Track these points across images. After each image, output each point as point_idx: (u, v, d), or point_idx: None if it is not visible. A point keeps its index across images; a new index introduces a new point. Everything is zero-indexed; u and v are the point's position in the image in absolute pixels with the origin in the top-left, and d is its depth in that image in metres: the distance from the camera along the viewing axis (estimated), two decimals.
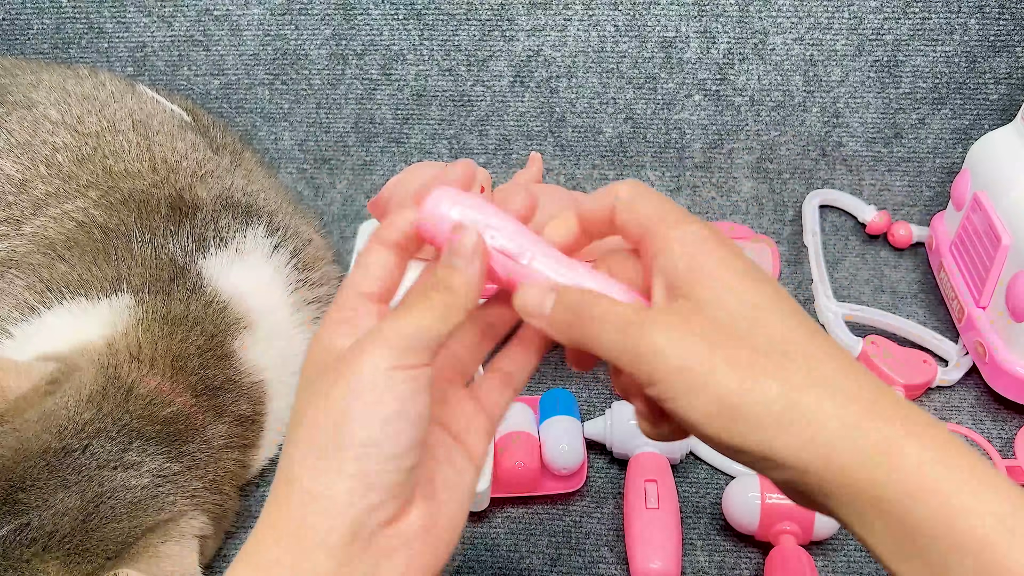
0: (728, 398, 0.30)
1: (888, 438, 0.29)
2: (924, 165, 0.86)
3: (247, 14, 0.85)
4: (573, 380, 0.70)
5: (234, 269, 0.61)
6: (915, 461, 0.29)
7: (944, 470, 0.29)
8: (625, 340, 0.32)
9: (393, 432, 0.32)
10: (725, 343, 0.31)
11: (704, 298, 0.32)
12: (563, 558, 0.58)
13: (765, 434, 0.30)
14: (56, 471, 0.47)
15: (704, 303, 0.32)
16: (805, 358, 0.31)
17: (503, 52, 0.85)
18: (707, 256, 0.33)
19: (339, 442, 0.32)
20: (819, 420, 0.30)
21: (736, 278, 0.32)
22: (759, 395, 0.30)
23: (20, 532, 0.45)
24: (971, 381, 0.69)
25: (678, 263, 0.33)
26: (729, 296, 0.32)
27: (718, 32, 0.83)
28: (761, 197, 0.86)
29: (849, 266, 0.80)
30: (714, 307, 0.32)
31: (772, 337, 0.31)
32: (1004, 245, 0.64)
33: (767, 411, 0.30)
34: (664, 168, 0.88)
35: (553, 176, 0.88)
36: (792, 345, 0.31)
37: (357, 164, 0.89)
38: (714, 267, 0.33)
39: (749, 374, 0.30)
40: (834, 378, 0.31)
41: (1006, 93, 0.83)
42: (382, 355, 0.32)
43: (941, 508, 0.28)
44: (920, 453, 0.29)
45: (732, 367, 0.31)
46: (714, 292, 0.32)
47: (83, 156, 0.65)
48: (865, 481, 0.29)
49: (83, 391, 0.50)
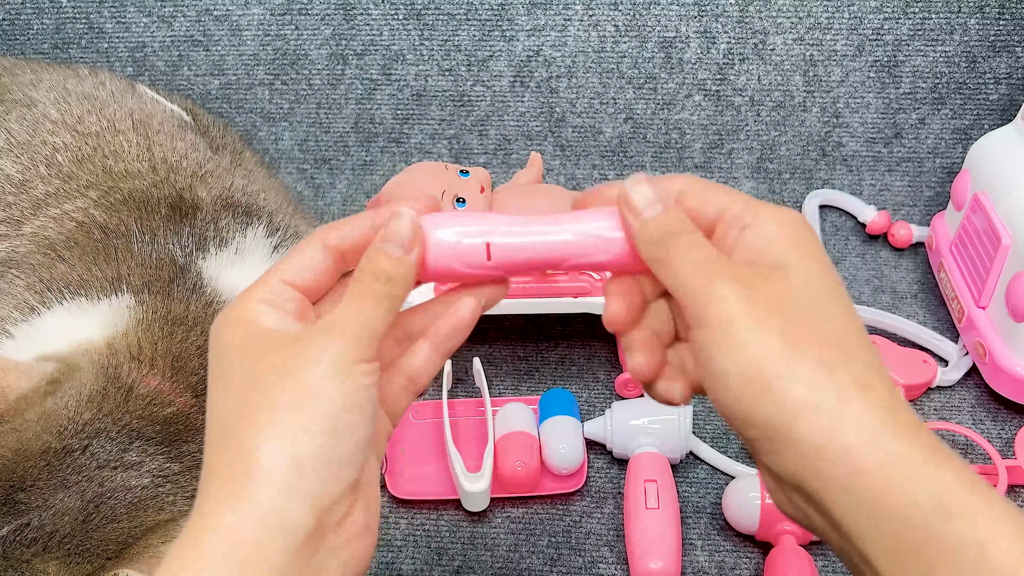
0: (766, 364, 0.31)
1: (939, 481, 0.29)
2: (924, 165, 0.86)
3: (247, 14, 0.85)
4: (573, 380, 0.70)
5: (234, 269, 0.61)
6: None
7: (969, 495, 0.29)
8: (700, 273, 0.33)
9: (356, 423, 0.32)
10: (786, 318, 0.32)
11: (785, 274, 0.33)
12: (563, 558, 0.58)
13: (785, 414, 0.30)
14: (56, 471, 0.47)
15: (783, 278, 0.32)
16: (855, 355, 0.31)
17: (503, 52, 0.85)
18: (801, 234, 0.34)
19: (305, 425, 0.31)
20: (851, 426, 0.30)
21: (819, 265, 0.33)
22: (798, 374, 0.30)
23: (20, 532, 0.45)
24: (971, 381, 0.69)
25: (772, 237, 0.33)
26: (808, 278, 0.33)
27: (718, 32, 0.83)
28: (761, 197, 0.86)
29: (849, 266, 0.81)
30: (791, 284, 0.32)
31: (832, 328, 0.32)
32: (1004, 245, 0.64)
33: (800, 393, 0.30)
34: (664, 168, 0.88)
35: (553, 176, 0.88)
36: (849, 339, 0.32)
37: (357, 164, 0.89)
38: (807, 247, 0.33)
39: (797, 353, 0.31)
40: (874, 383, 0.31)
41: (1006, 93, 0.83)
42: (343, 348, 0.32)
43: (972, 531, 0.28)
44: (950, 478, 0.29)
45: (785, 342, 0.31)
46: (798, 271, 0.33)
47: (83, 156, 0.65)
48: (903, 511, 0.29)
49: (83, 391, 0.50)
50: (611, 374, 0.70)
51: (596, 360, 0.71)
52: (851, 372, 0.31)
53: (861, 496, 0.30)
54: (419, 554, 0.58)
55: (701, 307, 0.32)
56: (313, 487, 0.31)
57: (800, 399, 0.30)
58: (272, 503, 0.31)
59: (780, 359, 0.31)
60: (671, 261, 0.34)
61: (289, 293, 0.35)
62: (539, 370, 0.71)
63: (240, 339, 0.33)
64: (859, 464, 0.29)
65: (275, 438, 0.31)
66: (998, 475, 0.60)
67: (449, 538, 0.59)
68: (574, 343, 0.73)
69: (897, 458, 0.29)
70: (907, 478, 0.29)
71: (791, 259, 0.33)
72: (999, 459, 0.61)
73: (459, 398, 0.68)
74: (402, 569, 0.57)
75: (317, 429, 0.31)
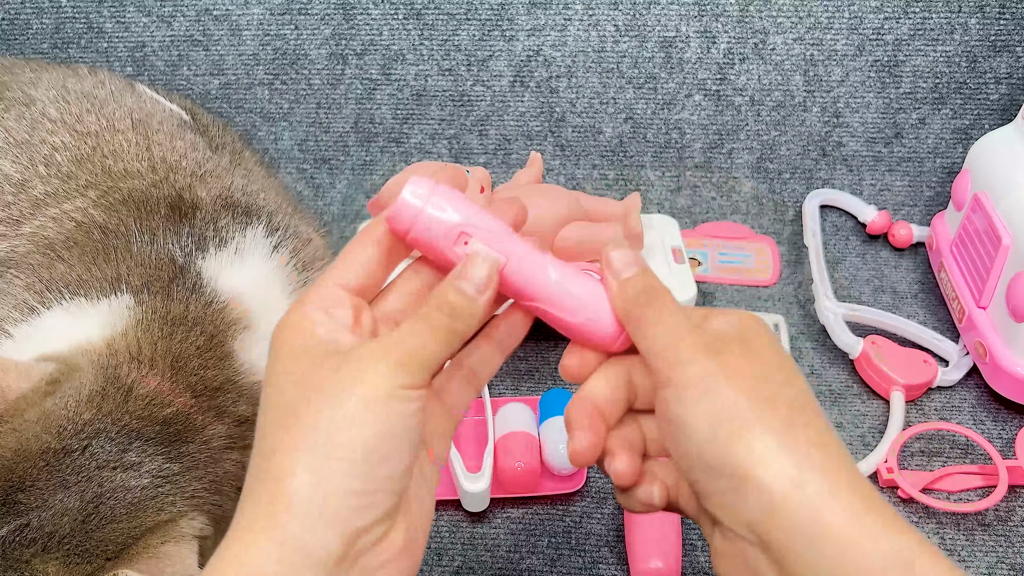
0: (737, 411, 0.32)
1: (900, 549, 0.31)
2: (924, 165, 0.86)
3: (247, 14, 0.85)
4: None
5: (234, 269, 0.61)
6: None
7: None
8: (672, 335, 0.34)
9: (395, 451, 0.32)
10: (755, 378, 0.33)
11: (749, 346, 0.35)
12: (563, 558, 0.58)
13: (754, 458, 0.32)
14: (56, 471, 0.47)
15: (748, 349, 0.35)
16: (815, 419, 0.34)
17: (503, 52, 0.85)
18: (760, 323, 0.36)
19: (340, 453, 0.31)
20: (816, 478, 0.31)
21: (776, 344, 0.36)
22: (767, 424, 0.32)
23: (19, 533, 0.45)
24: (971, 381, 0.69)
25: (734, 320, 0.36)
26: (770, 351, 0.35)
27: (718, 32, 0.83)
28: (761, 197, 0.86)
29: (849, 266, 0.80)
30: (755, 353, 0.35)
31: (795, 393, 0.34)
32: (1004, 245, 0.64)
33: (769, 442, 0.32)
34: (664, 168, 0.88)
35: (553, 176, 0.88)
36: (809, 406, 0.34)
37: (357, 164, 0.89)
38: (766, 331, 0.36)
39: (766, 407, 0.33)
40: (835, 447, 0.33)
41: (1006, 93, 0.83)
42: (389, 372, 0.32)
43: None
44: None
45: (754, 396, 0.33)
46: (760, 344, 0.35)
47: (82, 156, 0.65)
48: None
49: (83, 391, 0.50)
50: None
51: None
52: (815, 432, 0.33)
53: (823, 549, 0.30)
54: None
55: (672, 366, 0.34)
56: (341, 515, 0.31)
57: (770, 446, 0.31)
58: (297, 532, 0.31)
59: (750, 411, 0.32)
60: (645, 320, 0.35)
61: (344, 298, 0.35)
62: (539, 370, 0.71)
63: (295, 347, 0.34)
64: (823, 516, 0.30)
65: (308, 464, 0.31)
66: (998, 475, 0.60)
67: (449, 538, 0.59)
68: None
69: (862, 515, 0.30)
70: (871, 537, 0.30)
71: (753, 336, 0.35)
72: (999, 459, 0.61)
73: None
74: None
75: (352, 456, 0.31)
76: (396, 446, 0.32)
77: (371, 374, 0.32)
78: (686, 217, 0.85)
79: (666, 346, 0.34)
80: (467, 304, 0.34)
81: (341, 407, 0.31)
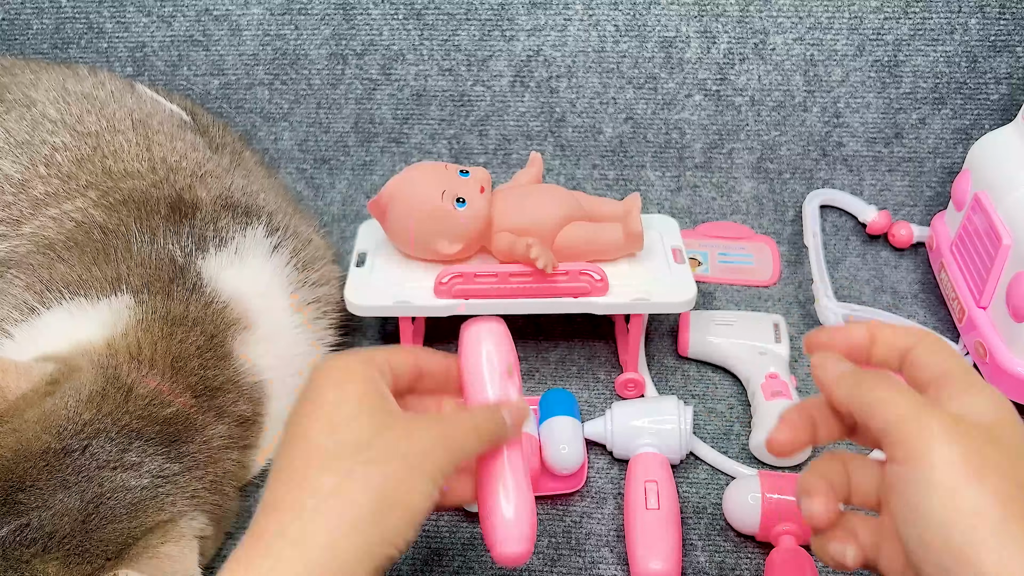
0: (978, 520, 0.31)
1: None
2: (924, 165, 0.86)
3: (247, 14, 0.85)
4: (573, 380, 0.70)
5: (234, 269, 0.61)
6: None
7: None
8: (909, 406, 0.33)
9: (414, 531, 0.38)
10: (1001, 476, 0.32)
11: (996, 434, 0.33)
12: (563, 558, 0.58)
13: (986, 567, 0.30)
14: (56, 472, 0.47)
15: (995, 437, 0.33)
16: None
17: (503, 52, 0.85)
18: (1011, 409, 0.35)
19: (353, 503, 0.36)
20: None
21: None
22: (1010, 536, 0.30)
23: (20, 532, 0.45)
24: None
25: (985, 401, 0.34)
26: (1020, 444, 0.33)
27: (718, 32, 0.83)
28: (761, 197, 0.86)
29: (850, 266, 0.80)
30: (1003, 444, 0.33)
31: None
32: (1005, 245, 0.64)
33: (1009, 556, 0.30)
34: (664, 168, 0.88)
35: (553, 176, 0.88)
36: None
37: (357, 164, 0.89)
38: (1016, 420, 0.34)
39: (1011, 514, 0.31)
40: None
41: (1007, 93, 0.83)
42: (433, 481, 0.38)
43: None
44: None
45: (999, 500, 0.31)
46: (1010, 435, 0.33)
47: (82, 156, 0.65)
48: None
49: (83, 391, 0.50)
50: (611, 374, 0.70)
51: (596, 360, 0.71)
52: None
53: None
54: (419, 554, 0.58)
55: (910, 439, 0.32)
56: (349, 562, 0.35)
57: (1006, 565, 0.30)
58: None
59: (993, 518, 0.30)
60: (874, 393, 0.34)
61: (390, 376, 0.42)
62: (539, 370, 0.71)
63: (361, 391, 0.39)
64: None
65: (328, 505, 0.36)
66: None
67: (449, 538, 0.59)
68: (574, 343, 0.72)
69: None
70: None
71: (1002, 423, 0.33)
72: None
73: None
74: (401, 570, 0.57)
75: (364, 512, 0.36)
76: (418, 523, 0.39)
77: (424, 482, 0.38)
78: (686, 217, 0.85)
79: (903, 418, 0.33)
80: (502, 431, 0.43)
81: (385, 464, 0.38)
